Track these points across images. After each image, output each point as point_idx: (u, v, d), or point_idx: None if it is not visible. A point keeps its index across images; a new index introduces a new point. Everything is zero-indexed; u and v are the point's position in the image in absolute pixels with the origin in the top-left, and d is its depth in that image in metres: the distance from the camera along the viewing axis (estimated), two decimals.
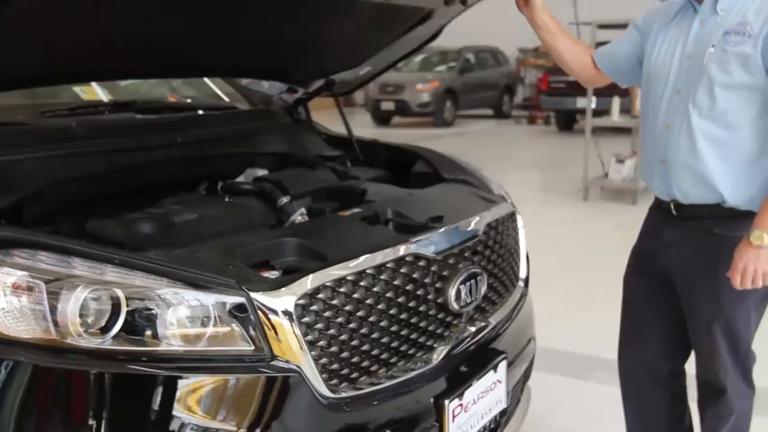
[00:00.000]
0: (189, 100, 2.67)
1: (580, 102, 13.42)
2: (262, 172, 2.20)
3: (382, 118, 15.30)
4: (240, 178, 2.16)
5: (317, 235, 1.67)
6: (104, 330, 1.34)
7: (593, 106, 13.27)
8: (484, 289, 1.83)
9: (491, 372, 1.85)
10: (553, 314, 2.24)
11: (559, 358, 3.49)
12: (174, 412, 1.34)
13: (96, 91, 2.35)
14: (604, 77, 2.22)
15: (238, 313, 1.39)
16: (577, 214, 7.10)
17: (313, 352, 1.44)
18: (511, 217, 2.14)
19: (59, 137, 1.87)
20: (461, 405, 1.74)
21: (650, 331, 2.15)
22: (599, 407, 2.99)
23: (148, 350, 1.36)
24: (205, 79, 2.88)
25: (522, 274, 2.18)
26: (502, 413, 1.93)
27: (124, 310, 1.35)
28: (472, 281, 1.77)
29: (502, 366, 1.90)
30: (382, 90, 15.18)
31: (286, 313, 1.41)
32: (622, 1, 16.44)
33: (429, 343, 1.70)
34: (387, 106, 14.92)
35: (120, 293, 1.35)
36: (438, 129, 14.40)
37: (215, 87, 2.86)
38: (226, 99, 2.77)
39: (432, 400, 1.67)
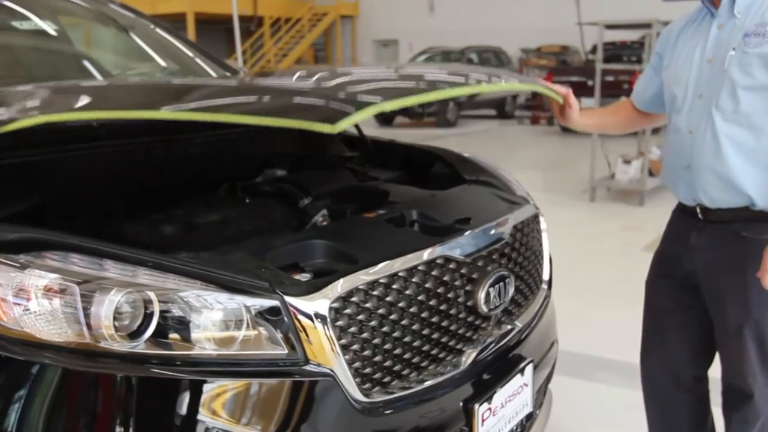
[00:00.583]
0: None
1: (585, 103, 13.47)
2: (281, 173, 2.18)
3: (385, 119, 15.27)
4: (259, 179, 2.14)
5: (345, 237, 1.65)
6: (136, 333, 1.33)
7: (597, 106, 13.34)
8: (511, 291, 1.81)
9: (518, 375, 1.83)
10: (561, 315, 2.23)
11: (566, 359, 3.48)
12: (205, 418, 1.32)
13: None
14: (650, 115, 2.25)
15: (272, 316, 1.37)
16: (583, 214, 7.09)
17: (346, 356, 1.43)
18: (535, 218, 2.12)
19: (79, 136, 1.85)
20: (490, 409, 1.72)
21: (674, 336, 2.14)
22: (611, 409, 2.98)
23: (181, 354, 1.34)
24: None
25: (545, 276, 2.16)
26: (528, 417, 1.91)
27: (156, 313, 1.33)
28: (501, 284, 1.76)
29: (529, 369, 1.88)
30: None
31: (320, 316, 1.39)
32: (627, 1, 16.52)
33: (458, 346, 1.69)
34: None
35: (152, 296, 1.33)
36: (441, 129, 14.38)
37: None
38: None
39: (461, 404, 1.65)
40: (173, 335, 1.34)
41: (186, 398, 1.32)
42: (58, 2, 2.70)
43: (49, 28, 2.57)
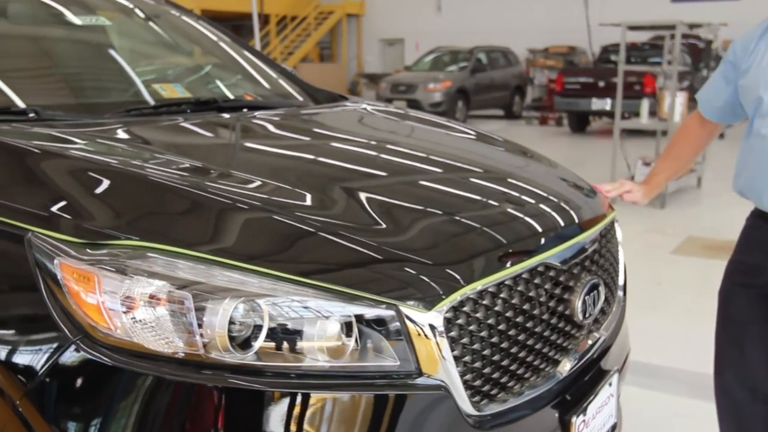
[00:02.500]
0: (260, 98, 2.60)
1: (595, 103, 13.45)
2: None
3: None
4: None
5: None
6: (246, 344, 1.27)
7: (608, 107, 13.33)
8: (603, 299, 1.76)
9: (607, 386, 1.79)
10: None
11: None
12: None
13: (175, 89, 2.28)
14: (714, 129, 2.21)
15: (386, 326, 1.32)
16: None
17: (458, 368, 1.37)
18: (614, 221, 2.07)
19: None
20: (584, 421, 1.67)
21: (753, 347, 2.08)
22: (652, 414, 2.93)
23: (293, 366, 1.28)
24: (275, 77, 2.81)
25: (621, 281, 2.11)
26: (613, 428, 1.86)
27: (266, 322, 1.27)
28: (595, 292, 1.71)
29: (615, 379, 1.84)
30: (394, 89, 15.14)
31: (435, 326, 1.33)
32: (634, 1, 16.46)
33: (556, 356, 1.63)
34: (399, 105, 14.86)
35: (263, 304, 1.27)
36: None
37: (286, 84, 2.79)
38: (300, 97, 2.69)
39: (559, 415, 1.60)
40: (284, 346, 1.28)
41: (297, 412, 1.26)
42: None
43: (90, 21, 2.50)
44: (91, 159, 1.57)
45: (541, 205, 1.78)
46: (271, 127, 2.21)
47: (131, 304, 1.26)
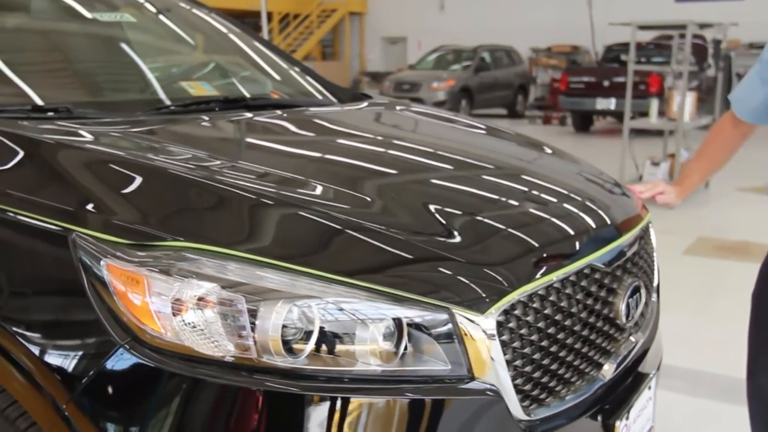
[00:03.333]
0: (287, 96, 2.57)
1: (600, 103, 13.43)
2: None
3: None
4: None
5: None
6: (295, 348, 1.25)
7: (612, 107, 13.31)
8: (644, 301, 1.74)
9: (647, 389, 1.77)
10: None
11: None
12: None
13: (203, 87, 2.25)
14: (749, 130, 2.17)
15: (437, 329, 1.29)
16: None
17: (509, 372, 1.35)
18: (649, 223, 2.05)
19: None
20: (627, 425, 1.65)
21: None
22: (673, 416, 2.92)
23: (346, 370, 1.26)
24: (295, 76, 2.78)
25: (655, 283, 2.09)
26: None
27: (317, 326, 1.25)
28: (637, 294, 1.69)
29: (654, 383, 1.82)
30: (398, 88, 15.12)
31: (488, 330, 1.31)
32: (638, 1, 16.44)
33: (600, 360, 1.61)
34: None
35: (314, 307, 1.25)
36: None
37: (304, 83, 2.76)
38: (320, 96, 2.66)
39: (602, 419, 1.58)
40: (336, 349, 1.26)
41: (351, 418, 1.24)
42: None
43: (117, 19, 2.48)
44: (132, 158, 1.54)
45: (586, 207, 1.76)
46: (307, 126, 2.19)
47: (181, 306, 1.23)
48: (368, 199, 1.55)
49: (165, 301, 1.24)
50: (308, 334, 1.24)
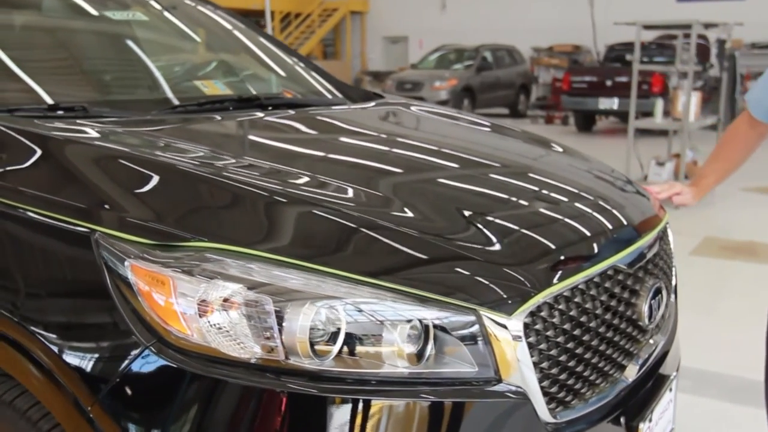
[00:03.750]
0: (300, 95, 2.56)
1: (603, 103, 13.42)
2: None
3: None
4: None
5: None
6: (322, 349, 1.23)
7: (615, 107, 13.29)
8: (665, 303, 1.73)
9: (668, 391, 1.75)
10: None
11: None
12: None
13: (216, 86, 2.24)
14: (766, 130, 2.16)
15: (465, 331, 1.28)
16: None
17: (537, 374, 1.34)
18: (667, 224, 2.04)
19: None
20: (650, 427, 1.64)
21: None
22: (687, 418, 2.91)
23: (373, 372, 1.25)
24: (306, 75, 2.77)
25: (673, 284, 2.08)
26: None
27: (344, 327, 1.23)
28: (660, 295, 1.67)
29: (674, 384, 1.81)
30: (400, 87, 15.10)
31: (516, 331, 1.30)
32: (638, 1, 16.42)
33: (623, 362, 1.60)
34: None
35: (340, 308, 1.24)
36: None
37: (315, 82, 2.75)
38: (335, 95, 2.65)
39: (626, 421, 1.57)
40: (362, 351, 1.25)
41: (378, 420, 1.23)
42: None
43: (130, 17, 2.46)
44: (153, 157, 1.53)
45: (609, 208, 1.75)
46: (322, 126, 2.17)
47: (207, 307, 1.22)
48: (391, 199, 1.54)
49: (191, 302, 1.22)
50: (334, 336, 1.23)
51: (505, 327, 1.29)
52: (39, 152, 1.53)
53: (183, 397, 1.23)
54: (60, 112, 1.78)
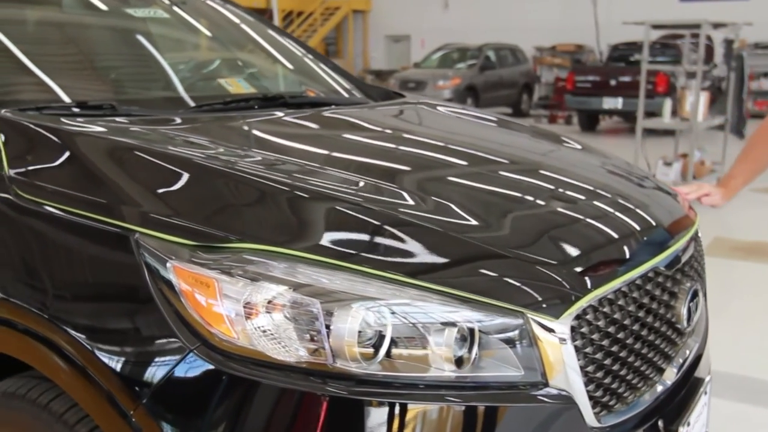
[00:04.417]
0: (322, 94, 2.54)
1: (607, 102, 13.39)
2: None
3: None
4: None
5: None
6: (365, 353, 1.21)
7: (619, 106, 13.27)
8: (702, 305, 1.72)
9: (703, 395, 1.74)
10: None
11: None
12: None
13: (240, 84, 2.22)
14: None
15: (511, 334, 1.26)
16: None
17: (583, 378, 1.32)
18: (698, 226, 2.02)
19: None
20: (688, 431, 1.62)
21: None
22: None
23: (419, 376, 1.23)
24: (326, 75, 2.75)
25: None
26: None
27: (390, 330, 1.21)
28: (696, 298, 1.66)
29: (709, 388, 1.79)
30: (403, 86, 15.06)
31: (562, 335, 1.28)
32: (641, 1, 16.39)
33: (663, 365, 1.58)
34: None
35: (386, 311, 1.22)
36: None
37: (335, 82, 2.73)
38: (357, 94, 2.63)
39: (664, 425, 1.55)
40: (407, 354, 1.23)
41: (425, 425, 1.21)
42: None
43: (155, 15, 2.44)
44: (190, 157, 1.50)
45: (648, 210, 1.73)
46: (348, 125, 2.15)
47: (252, 310, 1.20)
48: (428, 199, 1.51)
49: (237, 304, 1.20)
50: (380, 339, 1.21)
51: (552, 330, 1.27)
52: (72, 151, 1.51)
53: (228, 401, 1.20)
54: (89, 111, 1.76)
